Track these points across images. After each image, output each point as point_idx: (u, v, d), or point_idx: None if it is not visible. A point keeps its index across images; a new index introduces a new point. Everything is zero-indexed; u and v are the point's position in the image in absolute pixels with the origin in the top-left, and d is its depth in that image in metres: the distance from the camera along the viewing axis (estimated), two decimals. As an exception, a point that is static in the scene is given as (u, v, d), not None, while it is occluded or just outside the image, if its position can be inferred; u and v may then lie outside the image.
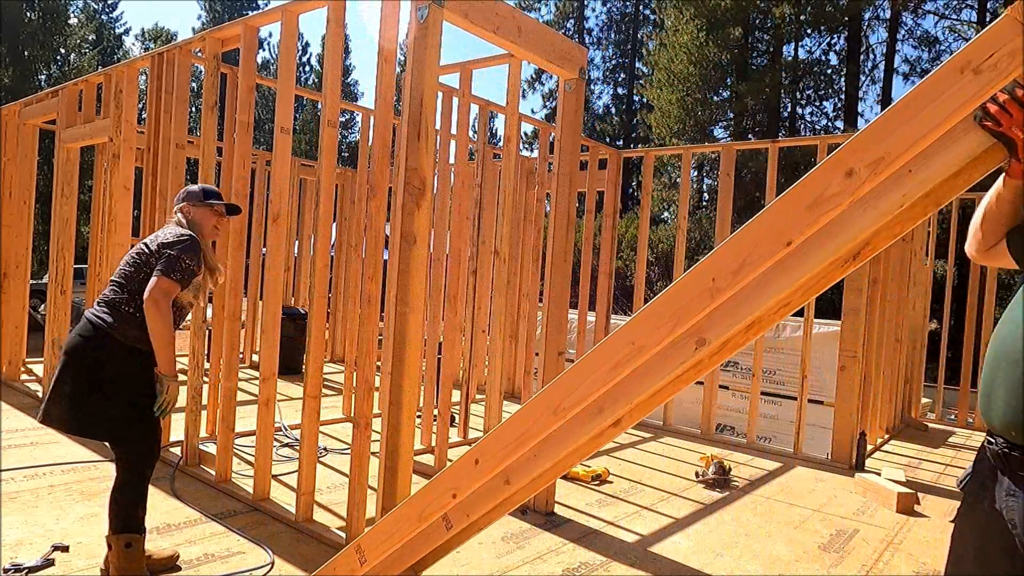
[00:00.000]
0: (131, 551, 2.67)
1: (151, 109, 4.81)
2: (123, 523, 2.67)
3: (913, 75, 22.94)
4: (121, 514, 2.67)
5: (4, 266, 6.73)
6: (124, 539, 2.66)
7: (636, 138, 31.09)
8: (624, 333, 1.69)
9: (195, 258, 2.75)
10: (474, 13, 3.26)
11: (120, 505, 2.68)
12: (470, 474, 1.95)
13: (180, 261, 2.68)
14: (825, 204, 1.44)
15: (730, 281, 1.53)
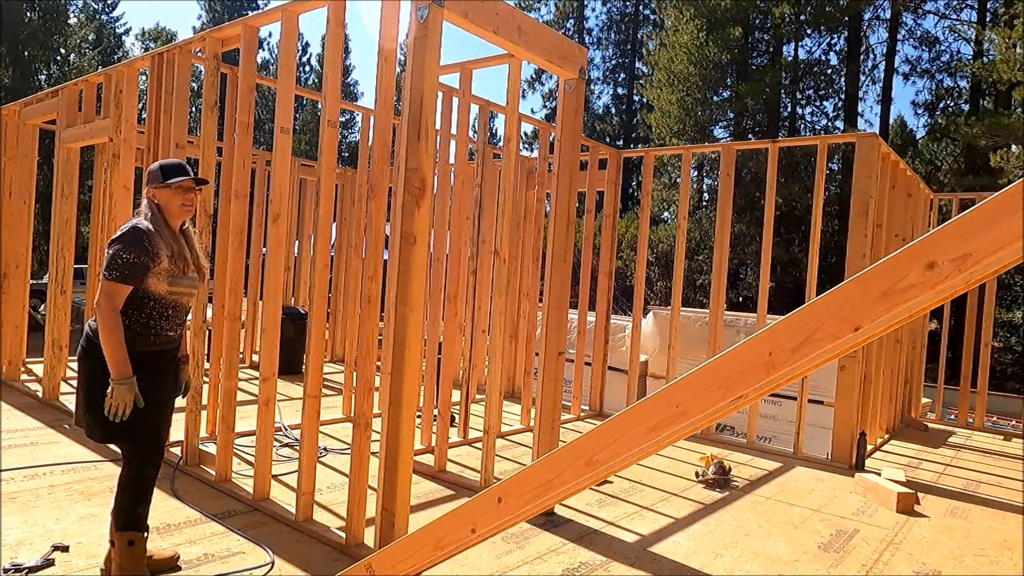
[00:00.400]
0: (133, 549, 2.67)
1: (151, 109, 4.81)
2: (124, 521, 2.68)
3: (913, 75, 23.00)
4: (123, 512, 2.68)
5: (4, 266, 6.74)
6: (126, 537, 2.67)
7: (636, 138, 31.10)
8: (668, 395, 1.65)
9: (137, 250, 2.59)
10: (474, 13, 3.26)
11: (121, 503, 2.69)
12: (491, 511, 1.95)
13: (117, 258, 2.58)
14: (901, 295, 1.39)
15: (787, 357, 1.51)
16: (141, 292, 2.65)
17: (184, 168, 2.84)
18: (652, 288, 18.44)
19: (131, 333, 2.63)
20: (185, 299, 2.82)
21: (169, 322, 2.77)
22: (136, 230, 2.64)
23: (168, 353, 2.84)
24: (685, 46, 20.04)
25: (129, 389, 2.55)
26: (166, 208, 2.75)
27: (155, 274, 2.65)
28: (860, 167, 5.59)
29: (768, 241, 6.18)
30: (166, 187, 2.74)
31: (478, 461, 4.55)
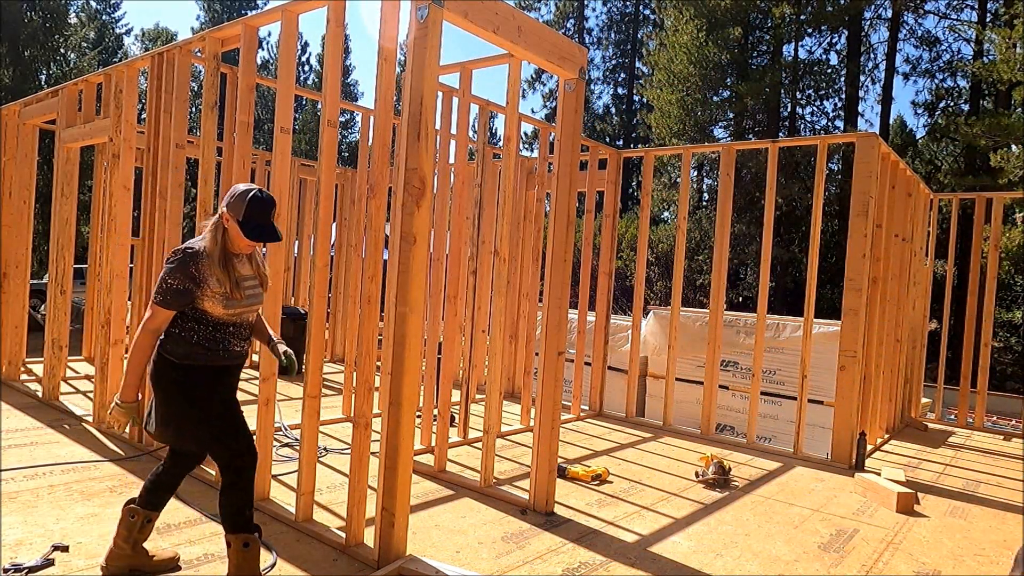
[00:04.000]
0: (248, 551, 2.71)
1: (151, 109, 4.81)
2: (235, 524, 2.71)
3: (914, 75, 23.01)
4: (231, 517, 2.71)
5: (4, 266, 6.73)
6: (241, 539, 2.70)
7: (636, 138, 31.10)
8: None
9: (182, 277, 2.57)
10: (474, 13, 3.26)
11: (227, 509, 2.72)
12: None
13: (163, 282, 2.59)
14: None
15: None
16: (199, 312, 2.65)
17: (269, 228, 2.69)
18: (652, 288, 18.43)
19: (200, 349, 2.65)
20: (246, 316, 2.79)
21: (233, 338, 2.75)
22: (186, 255, 2.61)
23: (236, 369, 2.82)
24: (685, 46, 20.03)
25: (127, 413, 2.64)
26: (232, 239, 2.68)
27: (208, 297, 2.63)
28: (860, 167, 5.58)
29: (768, 241, 6.18)
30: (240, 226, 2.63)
31: (478, 461, 4.55)
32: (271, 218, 2.71)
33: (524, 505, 3.99)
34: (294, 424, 5.28)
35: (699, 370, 6.77)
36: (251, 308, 2.79)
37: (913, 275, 7.19)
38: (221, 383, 2.75)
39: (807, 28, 20.83)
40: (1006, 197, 8.24)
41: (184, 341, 2.65)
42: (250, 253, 2.80)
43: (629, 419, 6.83)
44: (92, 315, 7.24)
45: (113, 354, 5.08)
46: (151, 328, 2.60)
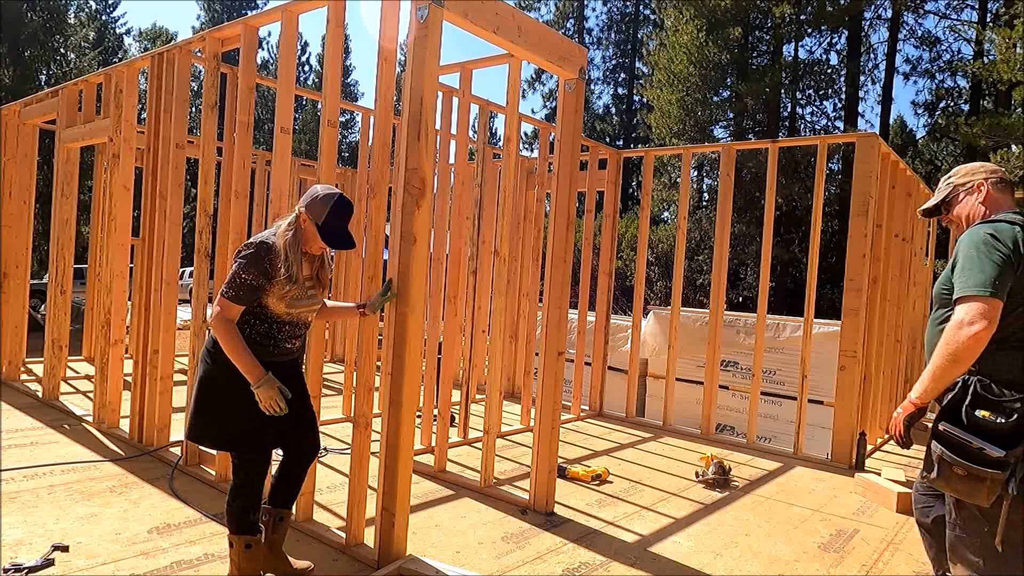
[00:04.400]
0: (251, 552, 2.71)
1: (151, 109, 4.81)
2: (238, 526, 2.71)
3: (914, 75, 23.05)
4: (235, 517, 2.71)
5: (4, 266, 6.73)
6: (243, 540, 2.70)
7: (636, 138, 31.11)
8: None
9: (256, 271, 2.57)
10: (474, 13, 3.26)
11: (233, 510, 2.71)
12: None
13: (236, 276, 2.58)
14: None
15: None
16: (260, 308, 2.65)
17: (346, 235, 2.71)
18: (652, 288, 18.42)
19: (251, 342, 2.63)
20: (304, 316, 2.79)
21: (287, 335, 2.75)
22: (260, 248, 2.60)
23: (284, 366, 2.78)
24: (685, 46, 20.03)
25: (269, 386, 2.56)
26: (305, 237, 2.70)
27: (273, 294, 2.62)
28: (860, 167, 5.58)
29: (768, 241, 6.18)
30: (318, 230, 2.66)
31: (478, 461, 4.55)
32: (347, 225, 2.74)
33: (524, 505, 3.99)
34: (294, 424, 5.27)
35: (699, 370, 6.77)
36: (310, 308, 2.79)
37: (913, 275, 7.19)
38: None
39: (807, 28, 20.84)
40: (1006, 197, 8.23)
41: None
42: (319, 257, 2.82)
43: (629, 419, 6.83)
44: (92, 315, 7.25)
45: (113, 354, 5.08)
46: (227, 318, 2.58)
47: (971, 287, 2.14)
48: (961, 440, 2.12)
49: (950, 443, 2.14)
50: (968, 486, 2.12)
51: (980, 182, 2.47)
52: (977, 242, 2.22)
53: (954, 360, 2.14)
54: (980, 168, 2.52)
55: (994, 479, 2.08)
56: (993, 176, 2.48)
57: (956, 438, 2.13)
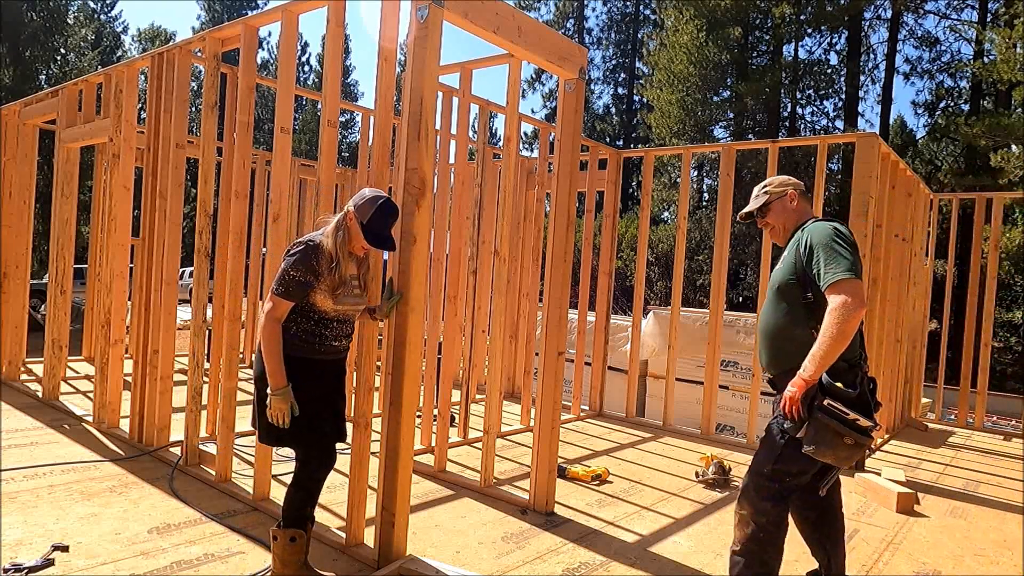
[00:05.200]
0: (295, 545, 2.77)
1: (151, 109, 4.81)
2: (292, 518, 2.77)
3: (914, 75, 23.01)
4: (292, 509, 2.78)
5: (4, 266, 6.73)
6: (289, 533, 2.76)
7: (636, 138, 31.10)
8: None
9: (304, 269, 2.66)
10: (474, 13, 3.26)
11: (292, 501, 2.79)
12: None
13: (285, 274, 2.66)
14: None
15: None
16: (308, 305, 2.72)
17: (388, 237, 2.80)
18: (652, 288, 18.42)
19: (297, 340, 2.71)
20: (350, 314, 2.86)
21: (334, 333, 2.80)
22: (309, 247, 2.69)
23: (332, 364, 2.84)
24: (685, 46, 20.02)
25: (284, 399, 2.61)
26: (351, 236, 2.77)
27: (321, 291, 2.70)
28: (860, 167, 5.58)
29: (768, 241, 6.18)
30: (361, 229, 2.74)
31: (478, 461, 4.55)
32: (391, 228, 2.81)
33: (524, 505, 3.99)
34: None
35: (699, 370, 6.77)
36: (356, 307, 2.86)
37: (913, 275, 7.18)
38: (315, 377, 2.75)
39: (807, 28, 20.82)
40: (1006, 197, 8.24)
41: (284, 331, 2.70)
42: (365, 257, 2.90)
43: (629, 419, 6.83)
44: (92, 315, 7.25)
45: (113, 354, 5.08)
46: (275, 317, 2.65)
47: (843, 272, 2.42)
48: (840, 412, 2.38)
49: (836, 416, 2.38)
50: (849, 452, 2.43)
51: (791, 192, 2.84)
52: (831, 235, 2.54)
53: (844, 337, 2.37)
54: (789, 180, 2.90)
55: (867, 444, 2.43)
56: (798, 188, 2.87)
57: (839, 411, 2.38)
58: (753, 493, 2.64)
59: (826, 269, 2.46)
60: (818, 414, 2.40)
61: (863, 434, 2.40)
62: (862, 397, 2.47)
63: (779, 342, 2.67)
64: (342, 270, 2.73)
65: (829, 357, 2.39)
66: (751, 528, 2.63)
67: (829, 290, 2.43)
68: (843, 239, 2.54)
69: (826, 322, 2.40)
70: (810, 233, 2.61)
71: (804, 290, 2.57)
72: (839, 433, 2.38)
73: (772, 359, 2.72)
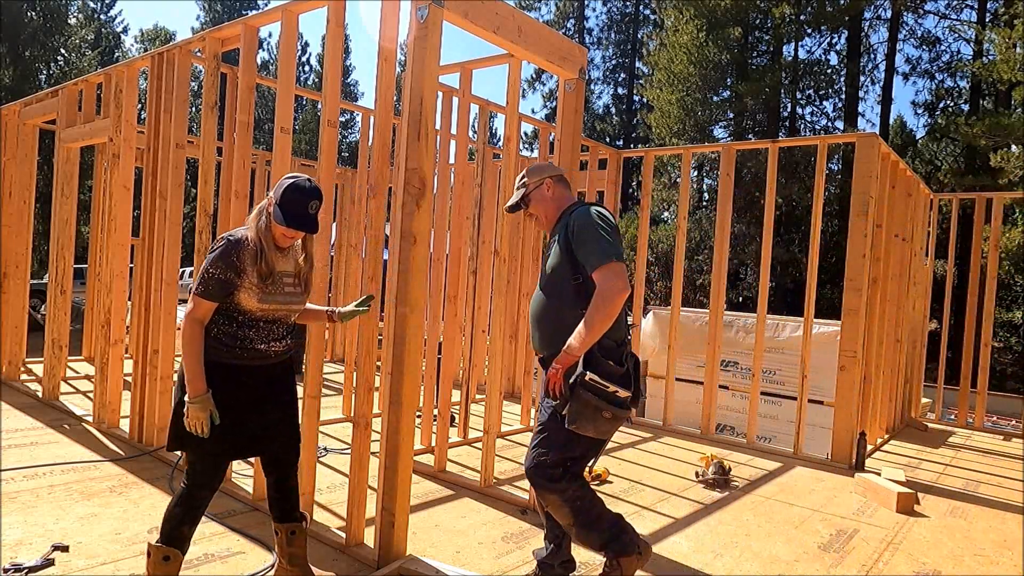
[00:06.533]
0: (167, 565, 2.53)
1: (151, 109, 4.81)
2: (168, 535, 2.55)
3: (913, 75, 23.02)
4: (168, 525, 2.55)
5: (4, 266, 6.73)
6: (163, 551, 2.52)
7: (636, 138, 31.10)
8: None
9: (223, 266, 2.47)
10: (474, 13, 3.26)
11: (170, 515, 2.56)
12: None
13: (206, 272, 2.49)
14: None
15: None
16: (231, 305, 2.53)
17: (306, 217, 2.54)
18: (652, 288, 18.41)
19: (217, 344, 2.53)
20: (281, 314, 2.64)
21: (261, 335, 2.59)
22: (229, 242, 2.51)
23: (261, 370, 2.64)
24: (685, 46, 20.02)
25: (202, 406, 2.45)
26: (272, 233, 2.57)
27: (245, 289, 2.51)
28: (860, 167, 5.58)
29: (768, 241, 6.18)
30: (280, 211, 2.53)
31: (478, 461, 4.55)
32: (308, 208, 2.55)
33: (524, 505, 3.99)
34: (294, 424, 5.27)
35: (699, 370, 6.77)
36: (289, 307, 2.65)
37: (913, 275, 7.19)
38: (237, 386, 2.56)
39: (807, 28, 20.82)
40: (1006, 197, 8.24)
41: (204, 333, 2.54)
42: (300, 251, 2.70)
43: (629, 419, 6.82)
44: (92, 315, 7.25)
45: (113, 354, 5.08)
46: (195, 318, 2.49)
47: (609, 255, 2.52)
48: (600, 386, 2.48)
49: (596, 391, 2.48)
50: (609, 425, 2.56)
51: (548, 181, 2.89)
52: (594, 221, 2.63)
53: (608, 318, 2.48)
54: (544, 169, 2.94)
55: (626, 416, 2.57)
56: (555, 174, 2.93)
57: (599, 385, 2.48)
58: (547, 483, 2.67)
59: (591, 254, 2.56)
60: (579, 390, 2.48)
61: (621, 407, 2.53)
62: (627, 374, 2.60)
63: (551, 324, 2.72)
64: (268, 263, 2.52)
65: (592, 337, 2.48)
66: (569, 506, 2.68)
67: (595, 274, 2.52)
68: (605, 223, 2.63)
69: (592, 304, 2.49)
70: (575, 219, 2.68)
71: (573, 274, 2.63)
72: (598, 408, 2.49)
73: (543, 340, 2.76)
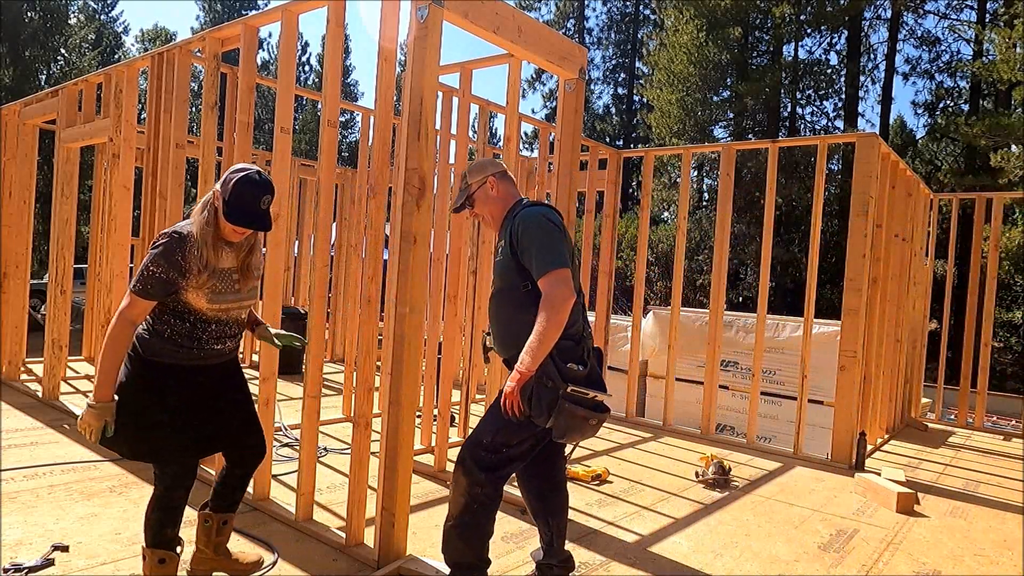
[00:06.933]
0: (164, 567, 2.52)
1: (151, 109, 4.81)
2: (154, 539, 2.52)
3: (913, 75, 23.01)
4: (152, 531, 2.53)
5: (4, 266, 6.73)
6: (157, 555, 2.51)
7: (636, 138, 31.10)
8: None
9: (166, 264, 2.34)
10: (474, 13, 3.26)
11: (150, 521, 2.53)
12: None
13: (146, 269, 2.35)
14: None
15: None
16: (181, 305, 2.44)
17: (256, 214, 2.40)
18: (652, 288, 18.41)
19: (172, 345, 2.45)
20: (233, 313, 2.55)
21: (214, 335, 2.52)
22: (173, 239, 2.38)
23: (212, 368, 2.59)
24: (685, 46, 20.02)
25: (100, 415, 2.31)
26: (220, 219, 2.41)
27: (192, 288, 2.40)
28: (860, 167, 5.58)
29: (768, 241, 6.18)
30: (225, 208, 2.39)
31: (478, 461, 4.54)
32: (260, 204, 2.41)
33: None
34: (294, 424, 5.27)
35: (699, 370, 6.77)
36: (241, 305, 2.56)
37: (913, 275, 7.19)
38: (194, 386, 2.51)
39: (807, 28, 20.82)
40: (1006, 197, 8.24)
41: (156, 335, 2.44)
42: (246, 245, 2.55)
43: (629, 419, 6.83)
44: (92, 315, 7.25)
45: (113, 354, 5.07)
46: (128, 317, 2.35)
47: (552, 263, 2.46)
48: (583, 395, 2.44)
49: (580, 401, 2.44)
50: (593, 430, 2.52)
51: (490, 179, 2.80)
52: (541, 224, 2.56)
53: (556, 328, 2.42)
54: (487, 166, 2.86)
55: (605, 419, 2.53)
56: (497, 170, 2.83)
57: (581, 396, 2.44)
58: (471, 463, 2.59)
59: (536, 260, 2.49)
60: (566, 404, 2.42)
61: (603, 411, 2.50)
62: (592, 372, 2.55)
63: (505, 327, 2.67)
64: (213, 260, 2.41)
65: (545, 349, 2.42)
66: (466, 499, 2.59)
67: (540, 282, 2.46)
68: (551, 227, 2.55)
69: (539, 317, 2.43)
70: (520, 222, 2.59)
71: (522, 278, 2.57)
72: (586, 418, 2.45)
73: (503, 344, 2.71)
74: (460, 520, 2.60)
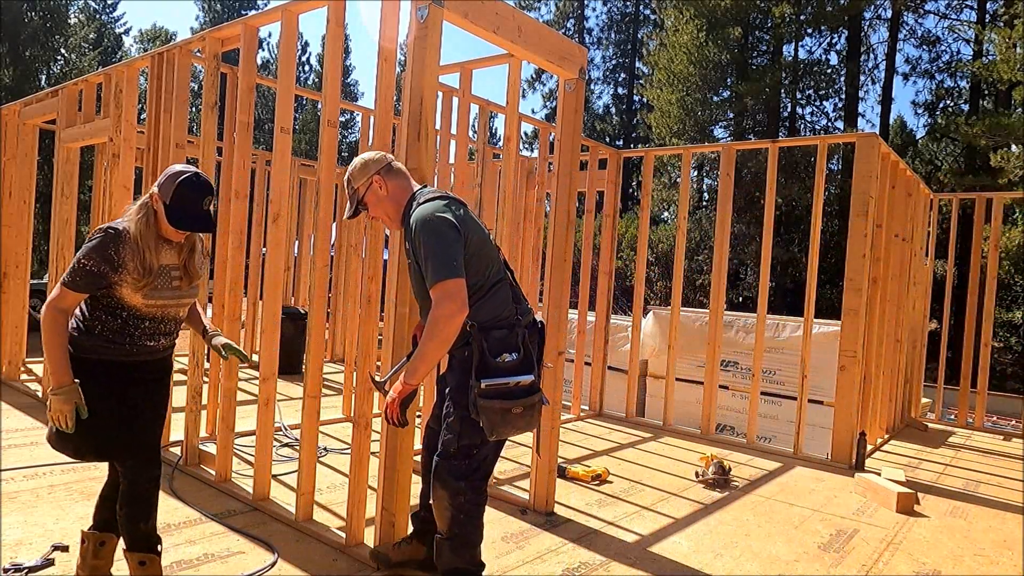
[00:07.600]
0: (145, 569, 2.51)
1: (151, 109, 4.81)
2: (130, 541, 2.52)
3: (913, 75, 23.02)
4: (125, 531, 2.53)
5: (4, 266, 6.73)
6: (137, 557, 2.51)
7: (636, 138, 31.11)
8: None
9: (98, 259, 2.32)
10: (474, 13, 3.26)
11: (121, 521, 2.52)
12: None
13: (78, 262, 2.32)
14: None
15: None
16: (114, 301, 2.40)
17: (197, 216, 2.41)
18: (652, 288, 18.41)
19: (104, 342, 2.41)
20: (171, 310, 2.52)
21: (148, 331, 2.47)
22: (108, 234, 2.35)
23: (149, 364, 2.54)
24: (685, 46, 20.02)
25: (66, 398, 2.27)
26: (159, 220, 2.42)
27: (126, 284, 2.36)
28: (860, 167, 5.58)
29: (768, 241, 6.18)
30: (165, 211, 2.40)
31: (478, 461, 4.55)
32: (203, 205, 2.42)
33: (524, 505, 3.99)
34: (294, 424, 5.27)
35: (699, 370, 6.77)
36: (179, 303, 2.53)
37: (913, 275, 7.19)
38: (132, 382, 2.47)
39: (807, 28, 20.82)
40: (1006, 197, 8.24)
41: (87, 331, 2.41)
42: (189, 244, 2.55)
43: (629, 419, 6.83)
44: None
45: (113, 354, 5.07)
46: (57, 307, 2.32)
47: (439, 274, 2.33)
48: (499, 386, 2.38)
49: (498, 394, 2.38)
50: (526, 419, 2.45)
51: (376, 179, 2.62)
52: (433, 229, 2.40)
53: (444, 344, 2.36)
54: (369, 164, 2.66)
55: (540, 400, 2.47)
56: (382, 167, 2.65)
57: (498, 387, 2.38)
58: (446, 475, 2.55)
59: (427, 272, 2.37)
60: (480, 401, 2.37)
61: (529, 394, 2.42)
62: (527, 358, 2.48)
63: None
64: (151, 259, 2.38)
65: (429, 366, 2.39)
66: (451, 511, 2.55)
67: (431, 292, 2.35)
68: (443, 228, 2.40)
69: (426, 330, 2.35)
70: (414, 223, 2.46)
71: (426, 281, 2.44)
72: (505, 409, 2.38)
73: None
74: (450, 532, 2.59)
